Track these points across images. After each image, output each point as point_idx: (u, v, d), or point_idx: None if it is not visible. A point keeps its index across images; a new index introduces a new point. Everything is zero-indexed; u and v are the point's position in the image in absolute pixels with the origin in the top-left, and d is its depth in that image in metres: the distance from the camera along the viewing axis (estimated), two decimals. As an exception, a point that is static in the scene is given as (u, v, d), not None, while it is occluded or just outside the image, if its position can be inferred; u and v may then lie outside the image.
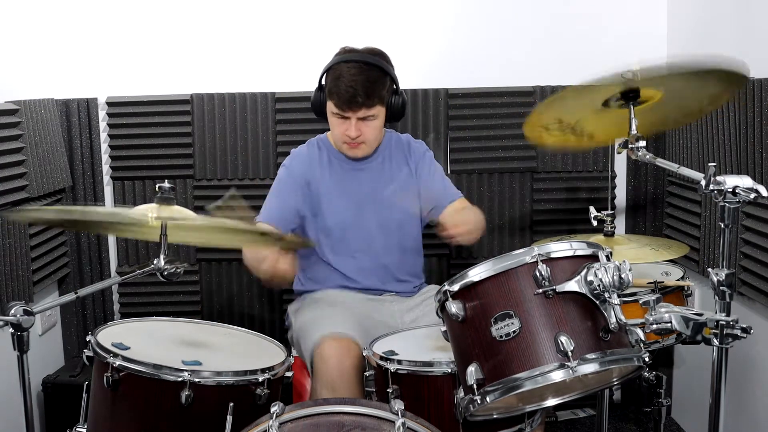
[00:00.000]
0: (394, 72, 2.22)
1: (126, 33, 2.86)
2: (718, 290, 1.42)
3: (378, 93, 2.15)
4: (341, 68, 2.14)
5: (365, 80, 2.12)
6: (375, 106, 2.16)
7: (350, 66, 2.14)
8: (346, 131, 2.19)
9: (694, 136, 2.52)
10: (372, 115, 2.18)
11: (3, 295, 2.36)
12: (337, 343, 1.95)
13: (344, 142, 2.23)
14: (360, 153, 2.26)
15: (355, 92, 2.11)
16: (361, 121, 2.18)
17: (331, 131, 2.28)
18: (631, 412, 2.94)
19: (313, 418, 1.43)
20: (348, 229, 2.29)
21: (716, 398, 1.46)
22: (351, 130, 2.18)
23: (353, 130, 2.18)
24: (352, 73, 2.12)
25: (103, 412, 1.68)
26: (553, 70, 2.85)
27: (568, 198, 2.92)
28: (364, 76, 2.13)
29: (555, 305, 1.45)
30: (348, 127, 2.18)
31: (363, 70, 2.13)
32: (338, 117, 2.19)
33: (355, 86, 2.11)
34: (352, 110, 2.15)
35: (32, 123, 2.59)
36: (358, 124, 2.18)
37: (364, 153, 2.27)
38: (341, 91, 2.12)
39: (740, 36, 2.33)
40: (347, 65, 2.14)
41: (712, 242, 2.47)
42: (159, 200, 1.69)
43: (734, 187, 1.41)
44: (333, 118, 2.21)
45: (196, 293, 2.97)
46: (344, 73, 2.13)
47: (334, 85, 2.15)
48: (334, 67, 2.17)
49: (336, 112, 2.17)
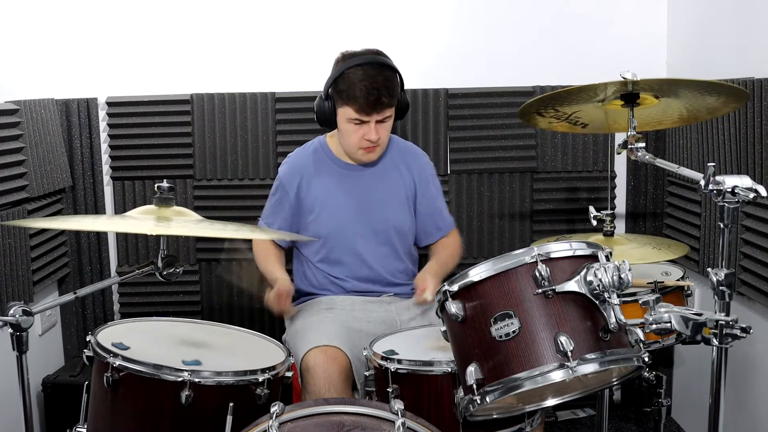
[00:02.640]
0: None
1: (126, 33, 2.86)
2: (717, 290, 1.42)
3: (397, 91, 2.15)
4: (356, 73, 2.10)
5: (385, 80, 2.10)
6: (394, 106, 2.16)
7: (366, 69, 2.10)
8: (365, 135, 2.15)
9: (694, 136, 2.52)
10: (389, 115, 2.17)
11: (3, 295, 2.35)
12: (322, 354, 1.96)
13: (361, 147, 2.19)
14: (375, 156, 2.25)
15: (379, 93, 2.08)
16: (379, 124, 2.16)
17: (344, 139, 2.23)
18: (631, 412, 2.94)
19: (313, 418, 1.43)
20: (342, 235, 2.28)
21: (716, 398, 1.46)
22: (371, 133, 2.14)
23: (374, 134, 2.15)
24: (371, 75, 2.09)
25: (103, 412, 1.68)
26: (553, 70, 2.85)
27: (568, 198, 2.92)
28: (383, 76, 2.10)
29: (555, 305, 1.45)
30: (367, 131, 2.15)
31: (379, 71, 2.11)
32: (355, 123, 2.15)
33: (378, 87, 2.08)
34: (377, 112, 2.12)
35: (32, 123, 2.59)
36: (377, 127, 2.15)
37: (377, 156, 2.26)
38: (363, 94, 2.08)
39: (740, 36, 2.33)
40: (362, 69, 2.10)
41: (712, 242, 2.47)
42: (158, 201, 1.70)
43: (733, 187, 1.41)
44: (348, 125, 2.16)
45: (196, 293, 2.97)
46: (361, 77, 2.09)
47: (353, 91, 2.09)
48: (345, 74, 2.11)
49: (354, 118, 2.13)
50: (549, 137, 2.88)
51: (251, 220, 2.54)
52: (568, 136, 2.87)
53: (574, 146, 2.89)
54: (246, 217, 2.71)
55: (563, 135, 2.87)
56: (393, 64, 2.17)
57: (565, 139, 2.88)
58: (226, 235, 1.69)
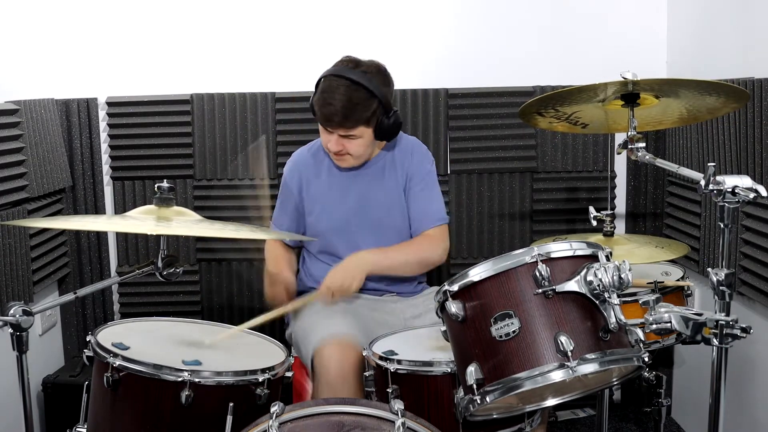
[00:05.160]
0: (390, 89, 2.17)
1: (126, 33, 2.86)
2: (717, 290, 1.42)
3: (358, 115, 2.09)
4: (329, 82, 2.10)
5: (347, 101, 2.07)
6: (355, 128, 2.12)
7: (337, 83, 2.08)
8: (327, 143, 2.18)
9: (694, 136, 2.52)
10: (353, 134, 2.14)
11: (3, 295, 2.36)
12: (338, 345, 1.95)
13: (330, 151, 2.22)
14: (345, 164, 2.25)
15: (332, 112, 2.08)
16: (343, 138, 2.15)
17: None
18: (631, 412, 2.94)
19: (313, 418, 1.43)
20: (342, 234, 2.29)
21: (716, 398, 1.46)
22: (332, 144, 2.16)
23: (334, 145, 2.16)
24: (336, 91, 2.07)
25: (103, 412, 1.68)
26: (553, 70, 2.85)
27: (568, 198, 2.92)
28: (346, 97, 2.07)
29: (555, 305, 1.45)
30: (330, 139, 2.17)
31: (348, 89, 2.07)
32: (322, 128, 2.18)
33: (334, 105, 2.07)
34: (331, 127, 2.13)
35: (32, 123, 2.59)
36: (340, 140, 2.15)
37: (351, 164, 2.25)
38: (320, 107, 2.10)
39: (740, 36, 2.33)
40: (335, 80, 2.09)
41: (712, 242, 2.47)
42: (158, 201, 1.70)
43: (734, 187, 1.41)
44: (320, 127, 2.19)
45: (196, 293, 2.97)
46: (327, 88, 2.09)
47: (317, 98, 2.12)
48: (323, 78, 2.13)
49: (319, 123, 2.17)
50: (549, 137, 2.88)
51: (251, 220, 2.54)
52: (568, 136, 2.87)
53: (574, 146, 2.89)
54: (246, 217, 2.71)
55: (563, 135, 2.87)
56: (373, 87, 2.08)
57: (565, 139, 2.88)
58: (226, 235, 1.70)
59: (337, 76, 2.10)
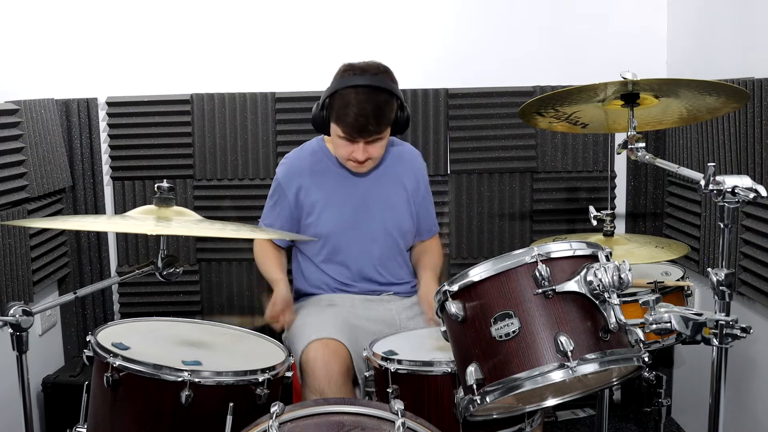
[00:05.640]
0: (398, 86, 2.17)
1: (126, 33, 2.86)
2: (717, 290, 1.42)
3: (387, 117, 2.11)
4: (349, 95, 2.06)
5: (375, 107, 2.06)
6: (385, 131, 2.14)
7: (359, 92, 2.06)
8: (352, 153, 2.15)
9: (694, 136, 2.52)
10: (381, 137, 2.14)
11: (3, 295, 2.35)
12: (323, 348, 1.96)
13: (350, 160, 2.18)
14: (365, 170, 2.24)
15: (366, 122, 2.06)
16: (369, 144, 2.14)
17: (336, 149, 2.22)
18: (631, 412, 2.94)
19: (313, 418, 1.43)
20: (341, 237, 2.28)
21: (716, 398, 1.46)
22: (359, 153, 2.14)
23: (361, 154, 2.14)
24: (361, 99, 2.05)
25: (103, 412, 1.68)
26: (553, 70, 2.85)
27: (568, 198, 2.92)
28: (374, 103, 2.06)
29: (555, 305, 1.45)
30: (355, 150, 2.14)
31: (372, 95, 2.06)
32: (345, 140, 2.13)
33: (366, 115, 2.05)
34: (363, 138, 2.11)
35: (32, 123, 2.59)
36: (366, 147, 2.14)
37: (369, 168, 2.25)
38: (351, 120, 2.06)
39: (740, 36, 2.33)
40: (355, 91, 2.06)
41: (712, 242, 2.47)
42: (158, 201, 1.70)
43: (733, 187, 1.41)
44: (339, 140, 2.15)
45: (196, 293, 2.97)
46: (353, 100, 2.05)
47: (343, 113, 2.07)
48: (340, 92, 2.08)
49: (343, 136, 2.12)
50: (549, 137, 2.88)
51: (251, 220, 2.54)
52: (568, 136, 2.87)
53: (574, 146, 2.89)
54: (246, 217, 2.72)
55: (563, 135, 2.87)
56: (390, 87, 2.10)
57: (565, 139, 2.88)
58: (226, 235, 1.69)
59: (355, 87, 2.07)
